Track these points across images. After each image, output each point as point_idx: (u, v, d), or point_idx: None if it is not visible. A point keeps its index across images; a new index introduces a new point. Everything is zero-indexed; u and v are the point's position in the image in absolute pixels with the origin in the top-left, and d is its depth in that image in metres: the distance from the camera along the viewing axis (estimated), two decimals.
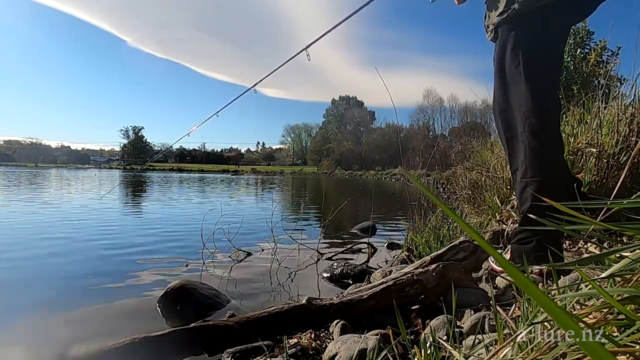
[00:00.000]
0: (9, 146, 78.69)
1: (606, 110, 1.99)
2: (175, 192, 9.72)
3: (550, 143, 1.24)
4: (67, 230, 3.45)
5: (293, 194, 10.49)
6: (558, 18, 1.26)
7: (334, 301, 1.22)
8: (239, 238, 2.79)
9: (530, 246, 1.21)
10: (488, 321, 0.89)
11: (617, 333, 0.43)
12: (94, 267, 2.24)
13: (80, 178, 16.27)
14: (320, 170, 53.69)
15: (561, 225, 0.54)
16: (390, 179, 28.53)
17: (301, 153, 71.92)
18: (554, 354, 0.44)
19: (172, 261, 2.39)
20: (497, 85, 1.37)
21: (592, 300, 0.54)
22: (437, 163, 5.60)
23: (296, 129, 72.57)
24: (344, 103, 68.24)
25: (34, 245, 2.80)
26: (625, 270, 0.48)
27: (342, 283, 1.97)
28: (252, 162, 74.92)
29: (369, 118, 65.73)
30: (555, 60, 1.31)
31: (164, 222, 4.22)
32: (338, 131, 64.00)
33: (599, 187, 1.74)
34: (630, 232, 0.52)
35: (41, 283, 1.94)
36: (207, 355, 1.09)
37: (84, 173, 24.24)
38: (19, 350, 1.24)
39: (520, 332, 0.52)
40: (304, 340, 1.05)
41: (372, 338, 0.91)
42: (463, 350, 0.72)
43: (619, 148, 1.74)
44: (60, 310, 1.59)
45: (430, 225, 2.33)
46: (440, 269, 1.23)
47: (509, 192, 2.47)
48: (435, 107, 53.01)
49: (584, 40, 5.79)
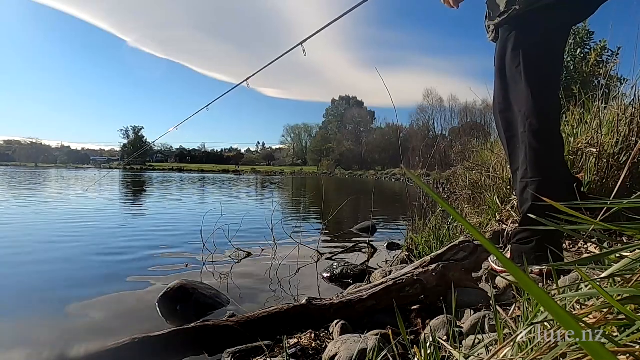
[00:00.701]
0: (9, 146, 78.64)
1: (606, 110, 1.99)
2: (175, 192, 9.72)
3: (550, 143, 1.24)
4: (67, 231, 3.45)
5: (293, 194, 10.49)
6: (559, 18, 1.26)
7: (334, 301, 1.22)
8: (239, 238, 2.79)
9: (530, 246, 1.21)
10: (488, 321, 0.89)
11: (617, 333, 0.43)
12: (94, 267, 2.25)
13: (80, 178, 16.26)
14: (320, 170, 53.70)
15: (561, 225, 0.54)
16: (390, 179, 28.52)
17: (301, 153, 71.95)
18: (554, 354, 0.44)
19: (172, 261, 2.39)
20: (498, 85, 1.36)
21: (592, 300, 0.54)
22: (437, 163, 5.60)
23: (296, 129, 72.66)
24: (344, 103, 68.27)
25: (33, 245, 2.80)
26: (625, 270, 0.48)
27: (342, 283, 1.97)
28: (252, 162, 74.92)
29: (369, 118, 65.78)
30: (556, 60, 1.31)
31: (164, 222, 4.22)
32: (338, 131, 64.03)
33: (599, 187, 1.74)
34: (630, 232, 0.52)
35: (41, 283, 1.94)
36: (207, 355, 1.09)
37: (84, 173, 24.22)
38: (18, 350, 1.24)
39: (520, 332, 0.52)
40: (304, 340, 1.05)
41: (372, 338, 0.91)
42: (463, 350, 0.72)
43: (619, 148, 1.74)
44: (60, 310, 1.59)
45: (430, 225, 2.33)
46: (440, 269, 1.23)
47: (509, 192, 2.47)
48: (435, 107, 53.09)
49: (584, 40, 5.79)
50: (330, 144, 61.02)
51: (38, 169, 39.21)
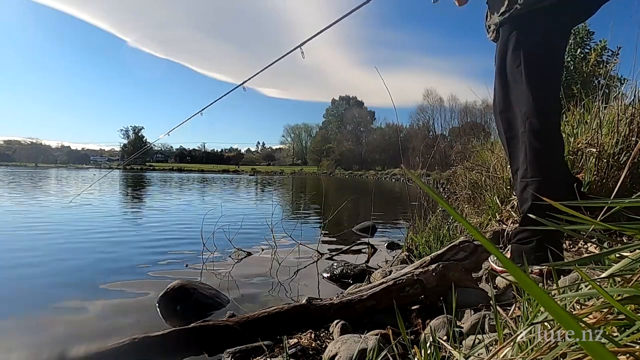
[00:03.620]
0: (9, 146, 78.66)
1: (606, 110, 1.99)
2: (175, 192, 9.72)
3: (551, 143, 1.24)
4: (66, 231, 3.45)
5: (293, 194, 10.49)
6: (560, 18, 1.26)
7: (334, 301, 1.22)
8: (239, 238, 2.79)
9: (530, 246, 1.21)
10: (488, 321, 0.89)
11: (617, 333, 0.43)
12: (94, 267, 2.24)
13: (80, 178, 16.26)
14: (320, 170, 53.72)
15: (561, 225, 0.54)
16: (390, 179, 28.52)
17: (301, 153, 71.97)
18: (554, 354, 0.44)
19: (172, 261, 2.39)
20: (498, 85, 1.36)
21: (592, 300, 0.54)
22: (437, 163, 5.60)
23: (296, 129, 72.70)
24: (344, 103, 68.29)
25: (33, 245, 2.80)
26: (625, 270, 0.48)
27: (342, 283, 1.97)
28: (252, 162, 74.96)
29: (369, 118, 65.79)
30: (556, 60, 1.31)
31: (164, 222, 4.22)
32: (338, 131, 64.04)
33: (599, 187, 1.74)
34: (630, 232, 0.52)
35: (40, 283, 1.94)
36: (207, 355, 1.09)
37: (84, 173, 24.22)
38: (18, 350, 1.24)
39: (521, 332, 0.52)
40: (304, 340, 1.05)
41: (372, 338, 0.91)
42: (463, 350, 0.72)
43: (619, 148, 1.74)
44: (60, 310, 1.59)
45: (430, 225, 2.33)
46: (440, 269, 1.23)
47: (509, 192, 2.47)
48: (435, 107, 53.08)
49: (584, 40, 5.79)
50: (330, 144, 61.03)
51: (38, 169, 39.20)
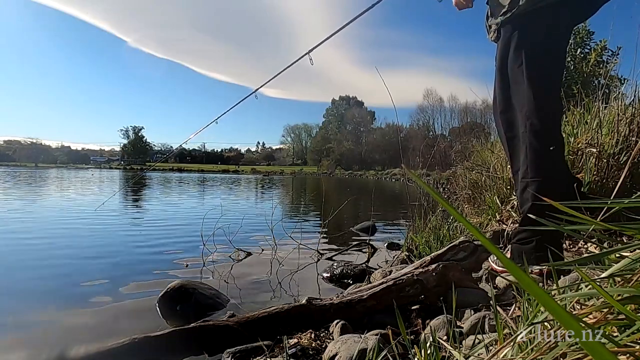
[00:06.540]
0: (9, 146, 78.69)
1: (606, 110, 1.99)
2: (175, 192, 9.72)
3: (551, 143, 1.23)
4: (66, 231, 3.45)
5: (293, 193, 10.49)
6: (561, 18, 1.25)
7: (334, 301, 1.22)
8: (239, 238, 2.79)
9: (530, 246, 1.21)
10: (488, 321, 0.89)
11: (617, 333, 0.43)
12: (94, 267, 2.24)
13: (80, 178, 16.25)
14: (320, 170, 53.72)
15: (561, 225, 0.54)
16: (390, 179, 28.52)
17: (301, 153, 71.96)
18: (554, 354, 0.44)
19: (172, 261, 2.39)
20: (499, 85, 1.36)
21: (592, 300, 0.54)
22: (437, 163, 5.60)
23: (296, 129, 72.70)
24: (344, 103, 68.27)
25: (32, 244, 2.80)
26: (625, 270, 0.48)
27: (342, 283, 1.97)
28: (252, 162, 74.93)
29: (369, 118, 65.77)
30: (557, 60, 1.31)
31: (164, 222, 4.22)
32: (338, 131, 64.02)
33: (599, 187, 1.74)
34: (630, 232, 0.52)
35: (40, 283, 1.94)
36: (207, 355, 1.09)
37: (84, 173, 24.22)
38: (18, 350, 1.24)
39: (521, 332, 0.52)
40: (304, 340, 1.05)
41: (372, 338, 0.91)
42: (463, 350, 0.72)
43: (619, 148, 1.74)
44: (60, 310, 1.59)
45: (430, 225, 2.33)
46: (440, 269, 1.23)
47: (509, 192, 2.47)
48: (435, 107, 53.18)
49: (584, 40, 5.78)
50: (330, 144, 61.02)
51: (38, 169, 39.19)
